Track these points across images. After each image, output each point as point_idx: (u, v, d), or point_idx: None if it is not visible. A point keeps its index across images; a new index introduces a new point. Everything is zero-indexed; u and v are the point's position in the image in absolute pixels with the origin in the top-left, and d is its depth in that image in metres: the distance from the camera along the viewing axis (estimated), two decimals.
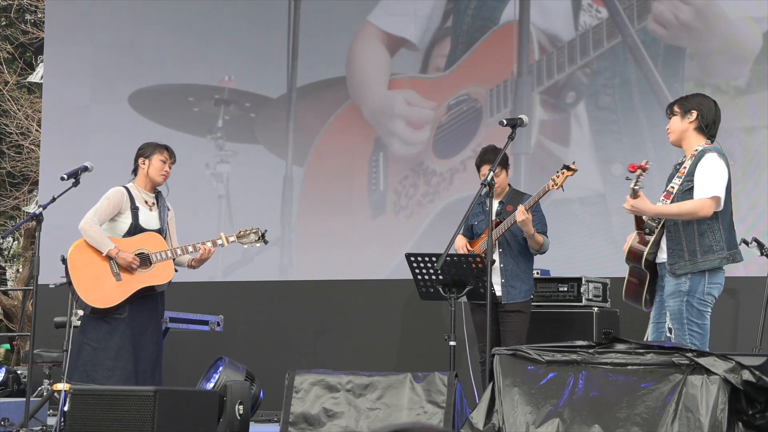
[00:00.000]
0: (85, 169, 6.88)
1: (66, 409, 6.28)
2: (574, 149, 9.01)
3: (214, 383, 7.56)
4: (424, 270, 6.75)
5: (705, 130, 5.76)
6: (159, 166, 6.92)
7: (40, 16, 17.21)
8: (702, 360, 4.91)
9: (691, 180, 5.68)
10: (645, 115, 8.84)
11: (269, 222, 10.00)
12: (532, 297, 7.30)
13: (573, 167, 6.94)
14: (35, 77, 17.42)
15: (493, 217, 7.16)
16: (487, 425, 5.29)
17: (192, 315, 8.31)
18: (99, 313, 6.69)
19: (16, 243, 19.77)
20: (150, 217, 6.90)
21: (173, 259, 6.83)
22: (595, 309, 7.81)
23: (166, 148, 7.01)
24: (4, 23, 17.97)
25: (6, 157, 17.35)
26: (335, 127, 10.00)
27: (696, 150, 5.74)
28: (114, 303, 6.67)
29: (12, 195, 17.60)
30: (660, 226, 5.75)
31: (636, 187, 5.62)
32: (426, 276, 6.76)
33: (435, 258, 6.62)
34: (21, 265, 18.60)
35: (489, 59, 9.50)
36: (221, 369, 7.61)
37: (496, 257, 7.15)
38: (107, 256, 6.70)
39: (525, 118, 6.48)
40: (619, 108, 8.97)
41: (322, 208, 9.92)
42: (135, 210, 6.83)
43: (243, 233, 6.97)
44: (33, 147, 16.70)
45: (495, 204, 7.26)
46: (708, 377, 4.87)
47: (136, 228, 6.81)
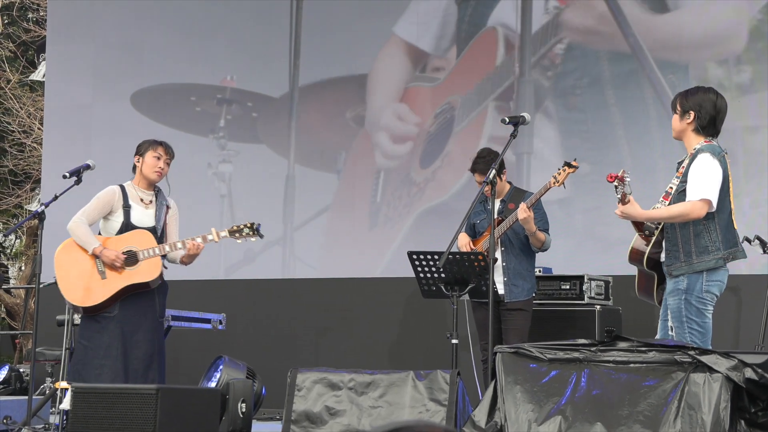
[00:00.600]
0: (87, 167, 6.87)
1: (63, 407, 6.29)
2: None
3: (216, 382, 7.55)
4: (426, 268, 6.75)
5: (702, 131, 5.71)
6: (152, 162, 6.85)
7: (42, 14, 17.21)
8: (704, 358, 4.91)
9: (687, 181, 5.66)
10: (619, 113, 8.84)
11: (272, 221, 10.01)
12: (534, 295, 7.30)
13: (574, 164, 6.94)
14: (37, 75, 17.41)
15: (495, 216, 7.16)
16: (490, 423, 5.29)
17: (194, 313, 8.31)
18: (88, 312, 6.68)
19: (18, 241, 19.78)
20: (144, 215, 6.84)
21: (163, 256, 6.77)
22: (598, 307, 7.81)
23: (160, 144, 6.93)
24: (6, 21, 17.97)
25: (8, 156, 17.35)
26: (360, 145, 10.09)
27: (694, 149, 5.72)
28: (96, 301, 6.63)
29: (14, 193, 17.61)
30: (660, 226, 5.74)
31: (625, 193, 5.55)
32: (428, 274, 6.76)
33: (437, 256, 6.62)
34: (23, 263, 18.60)
35: (470, 66, 9.56)
36: (222, 368, 7.60)
37: (498, 255, 7.15)
38: (93, 254, 6.68)
39: (527, 115, 6.46)
40: (588, 108, 8.99)
41: (325, 203, 9.93)
42: (127, 208, 6.78)
43: (236, 228, 6.88)
44: (35, 145, 16.70)
45: (496, 202, 7.26)
46: (710, 375, 4.87)
47: (127, 226, 6.77)
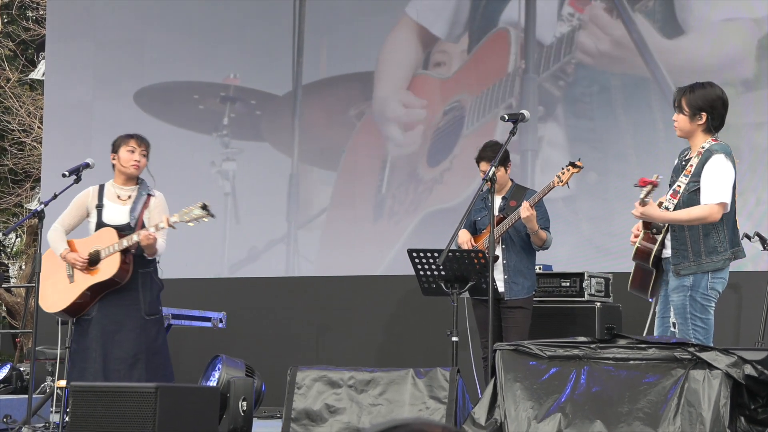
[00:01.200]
0: (87, 166, 6.85)
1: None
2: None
3: (216, 382, 7.53)
4: (426, 265, 6.75)
5: (712, 130, 5.71)
6: (127, 157, 6.74)
7: (41, 12, 17.21)
8: (704, 354, 4.91)
9: (698, 181, 5.60)
10: (627, 120, 8.82)
11: (275, 219, 10.01)
12: (534, 293, 7.29)
13: (579, 164, 6.93)
14: (37, 74, 17.42)
15: (497, 213, 7.16)
16: (489, 420, 5.29)
17: (194, 311, 8.31)
18: (70, 315, 6.65)
19: (18, 240, 19.79)
20: (117, 213, 6.71)
21: (121, 252, 6.56)
22: (598, 304, 7.80)
23: (132, 137, 6.81)
24: (6, 20, 17.97)
25: (8, 154, 17.35)
26: (365, 126, 10.01)
27: (702, 147, 5.66)
28: (63, 305, 6.58)
29: (14, 192, 17.61)
30: (666, 225, 5.72)
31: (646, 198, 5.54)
32: (428, 271, 6.76)
33: (437, 253, 6.62)
34: (24, 262, 18.61)
35: (480, 66, 9.49)
36: (221, 367, 7.59)
37: (498, 253, 7.15)
38: (62, 258, 6.64)
39: (526, 113, 6.45)
40: (597, 115, 8.96)
41: (330, 205, 9.92)
42: (99, 208, 6.71)
43: (185, 211, 6.56)
44: (35, 144, 16.70)
45: (498, 200, 7.26)
46: (710, 372, 4.87)
47: (99, 225, 6.70)
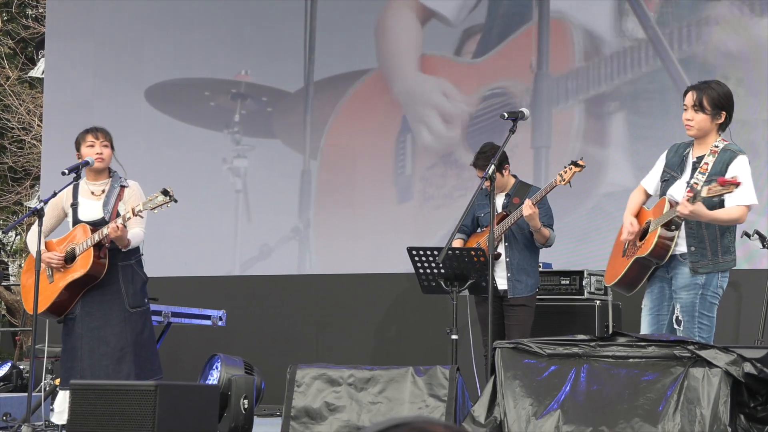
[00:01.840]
0: (86, 164, 6.81)
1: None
2: (611, 151, 8.96)
3: (216, 381, 7.52)
4: (425, 264, 6.75)
5: (724, 129, 5.72)
6: (88, 153, 6.68)
7: (41, 10, 17.20)
8: (703, 352, 4.90)
9: (716, 180, 5.59)
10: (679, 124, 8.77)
11: (287, 216, 9.98)
12: (537, 290, 7.29)
13: (581, 163, 6.92)
14: (36, 72, 17.40)
15: (500, 210, 7.16)
16: (489, 418, 5.29)
17: (194, 309, 8.31)
18: (53, 316, 6.63)
19: (18, 238, 19.79)
20: (92, 209, 6.67)
21: (95, 246, 6.50)
22: (597, 302, 7.80)
23: (88, 131, 6.75)
24: (5, 18, 17.96)
25: (8, 153, 17.35)
26: (359, 97, 9.85)
27: (716, 147, 5.66)
28: (45, 306, 6.54)
29: (14, 190, 17.61)
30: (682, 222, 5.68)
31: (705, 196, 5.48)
32: (428, 270, 6.75)
33: (437, 252, 6.61)
34: (23, 260, 18.61)
35: (527, 53, 9.30)
36: (219, 366, 7.57)
37: (501, 250, 7.15)
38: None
39: (526, 111, 6.43)
40: (657, 113, 8.86)
41: (342, 194, 9.84)
42: (74, 206, 6.68)
43: (149, 198, 6.45)
44: (35, 142, 16.70)
45: (501, 196, 7.27)
46: (709, 370, 4.86)
47: (76, 223, 6.66)
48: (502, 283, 7.14)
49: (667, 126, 8.59)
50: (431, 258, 6.70)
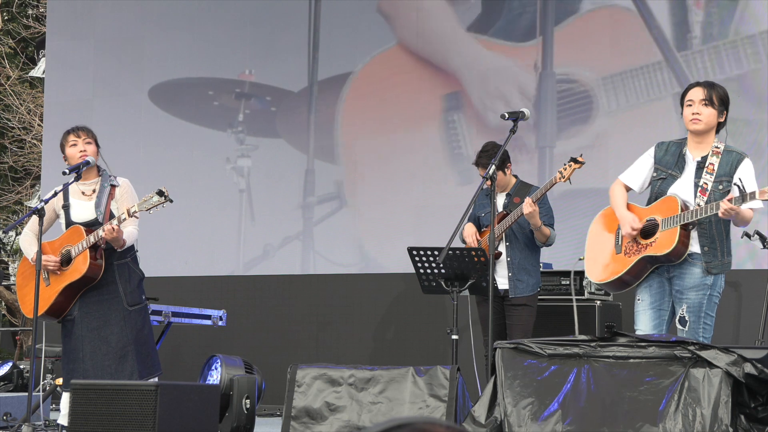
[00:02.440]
0: (87, 164, 6.81)
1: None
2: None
3: (218, 382, 7.51)
4: (426, 264, 6.74)
5: (720, 130, 5.76)
6: (72, 153, 6.71)
7: (42, 10, 17.21)
8: (704, 353, 4.90)
9: (729, 181, 5.61)
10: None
11: (291, 216, 9.98)
12: (538, 290, 7.28)
13: (580, 160, 6.92)
14: (37, 72, 17.41)
15: (500, 210, 7.16)
16: (489, 418, 5.28)
17: (194, 309, 8.31)
18: (51, 318, 6.62)
19: (18, 237, 19.78)
20: (84, 209, 6.65)
21: (90, 248, 6.50)
22: (598, 302, 7.80)
23: (69, 132, 6.76)
24: (6, 18, 17.96)
25: (8, 152, 17.35)
26: (377, 76, 9.74)
27: (717, 147, 5.69)
28: (43, 309, 6.52)
29: (14, 190, 17.61)
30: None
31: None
32: (428, 270, 6.75)
33: (437, 252, 6.61)
34: None
35: (592, 40, 9.04)
36: (219, 366, 7.57)
37: (502, 250, 7.15)
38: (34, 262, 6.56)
39: (527, 111, 6.41)
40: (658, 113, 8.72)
41: (376, 178, 9.78)
42: (66, 207, 6.66)
43: (144, 199, 6.43)
44: (35, 142, 16.70)
45: (502, 196, 7.27)
46: (710, 370, 4.86)
47: (69, 225, 6.65)
48: (503, 283, 7.14)
49: (670, 127, 8.60)
50: (432, 258, 6.70)
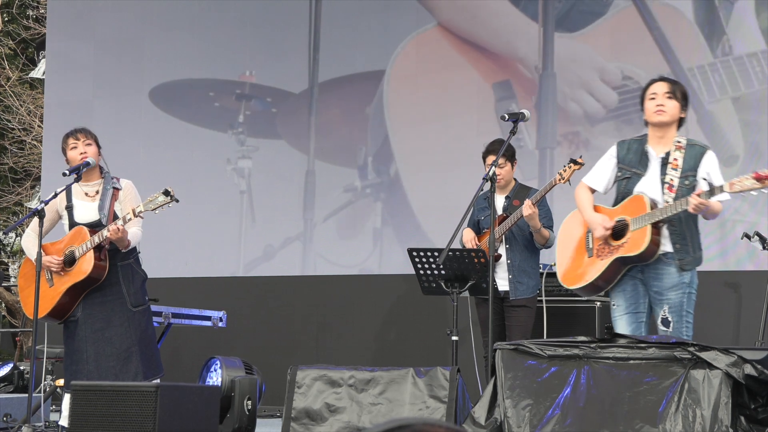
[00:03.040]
0: (87, 165, 6.81)
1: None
2: None
3: (220, 384, 7.51)
4: (426, 265, 6.74)
5: (680, 127, 5.78)
6: (73, 155, 6.71)
7: (42, 11, 17.21)
8: (704, 354, 4.91)
9: (694, 175, 5.61)
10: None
11: (291, 217, 9.98)
12: (538, 292, 7.29)
13: (580, 161, 6.92)
14: (37, 73, 17.42)
15: (500, 212, 7.16)
16: (489, 420, 5.29)
17: (194, 310, 8.31)
18: (56, 320, 6.61)
19: (18, 239, 19.79)
20: (87, 210, 6.65)
21: (95, 248, 6.49)
22: (598, 303, 7.80)
23: (69, 135, 6.78)
24: (6, 19, 17.97)
25: (8, 153, 17.35)
26: (419, 65, 9.64)
27: (679, 142, 5.69)
28: (46, 311, 6.52)
29: (14, 191, 17.62)
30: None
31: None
32: (428, 271, 6.75)
33: (437, 253, 6.61)
34: (24, 261, 18.60)
35: (638, 35, 8.90)
36: (219, 368, 7.56)
37: (502, 252, 7.15)
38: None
39: (527, 112, 6.41)
40: None
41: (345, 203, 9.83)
42: (69, 208, 6.67)
43: (150, 199, 6.41)
44: (35, 143, 16.70)
45: (501, 199, 7.27)
46: (710, 371, 4.87)
47: (72, 226, 6.64)
48: (503, 285, 7.14)
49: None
50: (432, 259, 6.70)
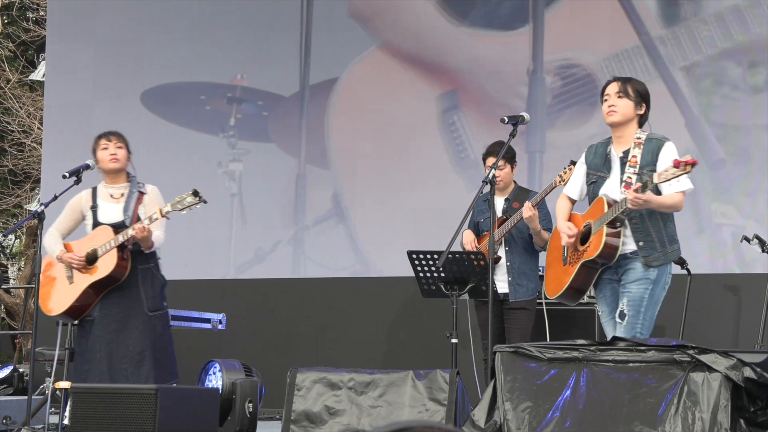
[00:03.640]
0: (87, 167, 6.84)
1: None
2: None
3: (220, 387, 7.50)
4: (425, 267, 6.75)
5: (643, 124, 5.73)
6: (103, 156, 6.77)
7: (41, 13, 17.22)
8: (703, 357, 4.91)
9: (651, 170, 5.53)
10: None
11: (282, 220, 9.97)
12: (537, 294, 7.29)
13: None
14: (37, 75, 17.42)
15: (499, 215, 7.16)
16: (489, 422, 5.29)
17: (194, 313, 8.30)
18: (73, 318, 6.64)
19: (18, 241, 19.80)
20: (112, 211, 6.72)
21: (118, 248, 6.55)
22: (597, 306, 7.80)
23: (101, 136, 6.83)
24: (6, 21, 17.97)
25: (8, 155, 17.36)
26: (363, 85, 9.75)
27: (639, 138, 5.65)
28: (64, 307, 6.57)
29: (14, 193, 17.61)
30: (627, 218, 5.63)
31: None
32: (428, 273, 6.76)
33: (437, 255, 6.62)
34: (23, 263, 18.61)
35: (592, 21, 8.95)
36: (218, 371, 7.55)
37: (502, 254, 7.15)
38: (58, 260, 6.64)
39: (526, 115, 6.40)
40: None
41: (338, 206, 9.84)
42: (94, 209, 6.73)
43: (178, 200, 6.54)
44: (35, 145, 16.70)
45: (501, 201, 7.27)
46: (709, 374, 4.87)
47: (96, 226, 6.70)
48: (502, 287, 7.14)
49: (670, 129, 8.58)
50: (431, 262, 6.71)
